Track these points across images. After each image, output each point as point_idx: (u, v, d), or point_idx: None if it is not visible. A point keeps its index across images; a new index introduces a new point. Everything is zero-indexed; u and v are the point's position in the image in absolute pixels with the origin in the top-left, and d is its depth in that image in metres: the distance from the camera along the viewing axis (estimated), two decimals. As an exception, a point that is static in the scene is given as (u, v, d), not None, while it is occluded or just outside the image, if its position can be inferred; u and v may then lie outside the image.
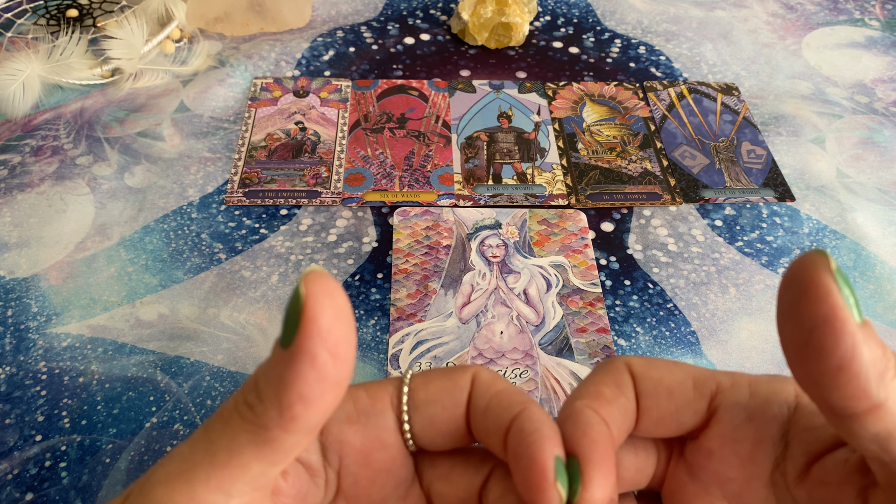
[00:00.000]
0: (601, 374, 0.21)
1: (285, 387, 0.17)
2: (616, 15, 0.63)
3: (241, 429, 0.17)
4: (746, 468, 0.20)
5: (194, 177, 0.47)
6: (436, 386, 0.21)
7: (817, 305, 0.16)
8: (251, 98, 0.52)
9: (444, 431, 0.21)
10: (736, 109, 0.53)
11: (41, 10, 0.59)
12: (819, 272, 0.16)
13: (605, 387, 0.21)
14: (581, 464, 0.19)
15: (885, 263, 0.43)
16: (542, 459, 0.18)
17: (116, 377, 0.36)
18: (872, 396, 0.16)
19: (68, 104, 0.51)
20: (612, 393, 0.21)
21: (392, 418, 0.21)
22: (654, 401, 0.21)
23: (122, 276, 0.41)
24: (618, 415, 0.20)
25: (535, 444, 0.19)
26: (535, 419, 0.19)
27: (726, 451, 0.21)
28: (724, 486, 0.21)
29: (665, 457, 0.22)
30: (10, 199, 0.45)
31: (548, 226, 0.44)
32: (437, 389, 0.21)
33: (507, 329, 0.39)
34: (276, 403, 0.17)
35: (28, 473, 0.33)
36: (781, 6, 0.65)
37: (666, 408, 0.21)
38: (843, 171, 0.49)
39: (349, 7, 0.62)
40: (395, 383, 0.21)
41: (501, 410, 0.20)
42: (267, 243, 0.43)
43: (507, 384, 0.21)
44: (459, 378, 0.21)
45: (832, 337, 0.16)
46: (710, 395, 0.21)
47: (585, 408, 0.20)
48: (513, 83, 0.55)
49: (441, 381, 0.21)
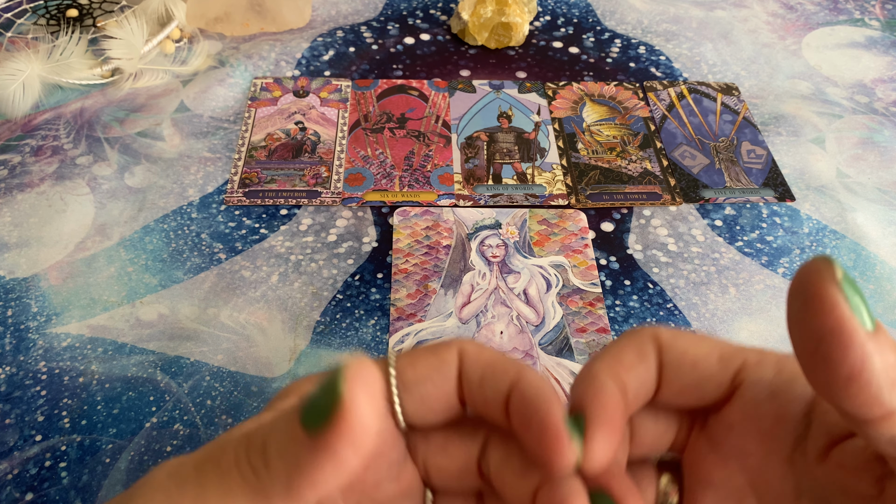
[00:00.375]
0: (625, 340, 0.21)
1: (299, 471, 0.16)
2: (616, 15, 0.63)
3: (239, 489, 0.17)
4: (766, 444, 0.21)
5: (194, 177, 0.47)
6: (423, 364, 0.21)
7: (823, 317, 0.16)
8: (251, 98, 0.52)
9: (436, 408, 0.21)
10: (736, 109, 0.53)
11: (41, 10, 0.59)
12: (824, 283, 0.16)
13: (627, 353, 0.21)
14: (586, 422, 0.19)
15: (885, 263, 0.43)
16: (554, 422, 0.19)
17: (116, 377, 0.36)
18: (885, 404, 0.16)
19: (68, 104, 0.51)
20: (632, 360, 0.21)
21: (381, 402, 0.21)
22: (677, 371, 0.21)
23: (122, 276, 0.41)
24: (635, 382, 0.21)
25: (543, 409, 0.19)
26: (534, 384, 0.20)
27: (747, 426, 0.21)
28: (744, 460, 0.21)
29: (687, 426, 0.23)
30: (10, 199, 0.45)
31: (548, 226, 0.44)
32: (425, 368, 0.21)
33: (507, 329, 0.39)
34: (284, 480, 0.16)
35: (28, 473, 0.33)
36: (781, 6, 0.65)
37: (688, 379, 0.21)
38: (843, 171, 0.49)
39: (349, 7, 0.62)
40: (380, 366, 0.21)
41: (497, 380, 0.20)
42: (267, 243, 0.43)
43: (494, 353, 0.21)
44: (446, 354, 0.21)
45: (840, 348, 0.16)
46: (734, 370, 0.21)
47: (602, 371, 0.20)
48: (513, 83, 0.55)
49: (428, 359, 0.21)
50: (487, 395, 0.20)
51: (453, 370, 0.21)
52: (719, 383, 0.21)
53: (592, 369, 0.21)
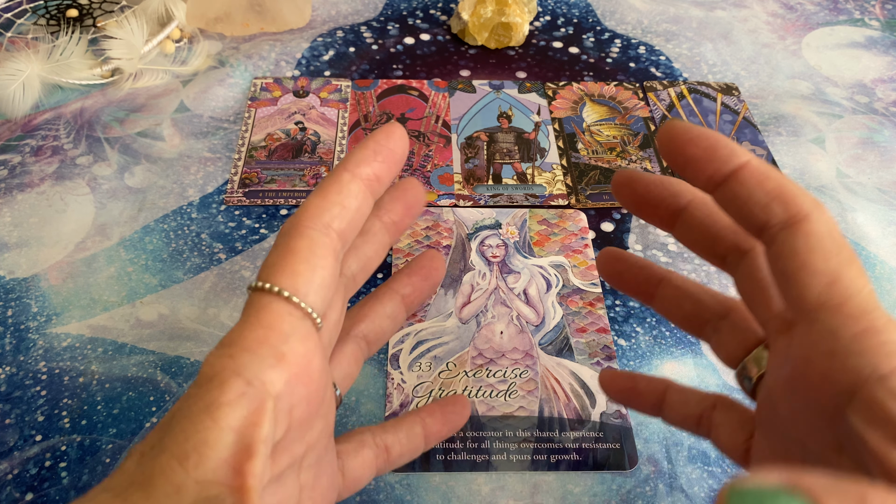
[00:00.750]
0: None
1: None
2: (616, 15, 0.63)
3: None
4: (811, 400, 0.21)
5: (194, 177, 0.47)
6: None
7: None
8: (251, 98, 0.52)
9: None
10: (736, 109, 0.53)
11: (41, 10, 0.59)
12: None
13: None
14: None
15: (885, 263, 0.43)
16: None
17: (116, 377, 0.36)
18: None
19: (68, 104, 0.51)
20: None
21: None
22: None
23: (122, 276, 0.41)
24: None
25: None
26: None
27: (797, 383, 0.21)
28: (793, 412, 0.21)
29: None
30: (10, 199, 0.45)
31: (548, 226, 0.44)
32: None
33: (507, 329, 0.39)
34: None
35: (28, 473, 0.33)
36: (781, 6, 0.65)
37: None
38: (843, 171, 0.49)
39: (349, 7, 0.62)
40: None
41: None
42: (267, 243, 0.43)
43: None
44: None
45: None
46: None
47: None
48: (513, 83, 0.55)
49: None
50: None
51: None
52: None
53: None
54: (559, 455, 0.34)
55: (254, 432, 0.18)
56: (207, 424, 0.18)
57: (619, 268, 0.29)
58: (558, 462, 0.34)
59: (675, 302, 0.27)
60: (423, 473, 0.33)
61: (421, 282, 0.29)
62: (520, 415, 0.35)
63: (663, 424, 0.35)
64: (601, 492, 0.33)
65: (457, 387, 0.36)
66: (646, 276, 0.28)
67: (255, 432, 0.18)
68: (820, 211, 0.20)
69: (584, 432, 0.35)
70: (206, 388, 0.19)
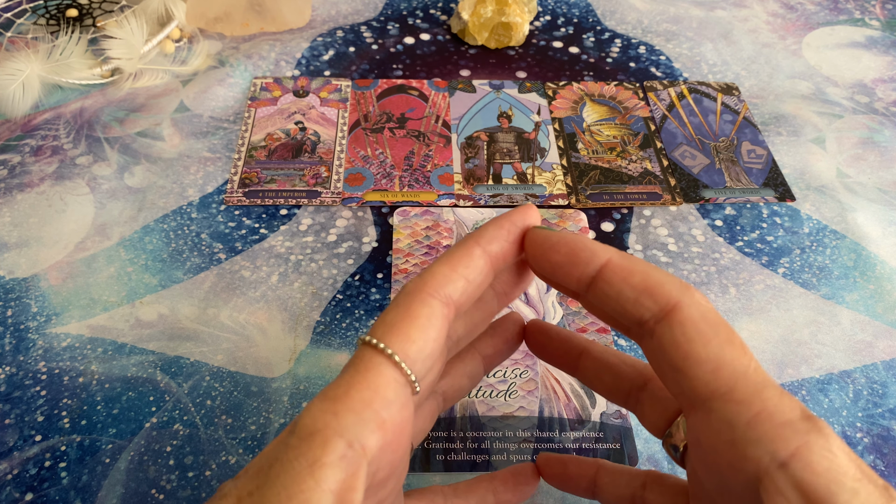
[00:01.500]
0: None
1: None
2: (616, 15, 0.63)
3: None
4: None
5: (194, 177, 0.47)
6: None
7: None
8: (251, 98, 0.52)
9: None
10: (736, 109, 0.53)
11: (41, 9, 0.59)
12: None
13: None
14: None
15: (885, 263, 0.43)
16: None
17: (116, 377, 0.36)
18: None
19: (68, 104, 0.51)
20: None
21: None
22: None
23: (122, 276, 0.41)
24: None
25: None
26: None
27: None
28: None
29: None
30: (10, 199, 0.45)
31: (548, 226, 0.44)
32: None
33: (507, 329, 0.39)
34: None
35: (28, 473, 0.33)
36: (781, 6, 0.65)
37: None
38: (844, 171, 0.49)
39: (349, 7, 0.62)
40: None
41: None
42: (267, 243, 0.43)
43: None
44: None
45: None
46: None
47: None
48: (513, 83, 0.55)
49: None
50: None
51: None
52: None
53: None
54: (559, 455, 0.34)
55: (350, 497, 0.19)
56: (310, 485, 0.18)
57: (541, 340, 0.29)
58: (558, 462, 0.34)
59: (596, 374, 0.27)
60: (424, 473, 0.33)
61: (502, 344, 0.29)
62: (520, 415, 0.35)
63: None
64: (601, 492, 0.33)
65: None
66: (566, 349, 0.28)
67: (351, 497, 0.19)
68: (689, 295, 0.20)
69: (584, 432, 0.35)
70: (308, 445, 0.19)
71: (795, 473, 0.18)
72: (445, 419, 0.35)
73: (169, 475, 0.33)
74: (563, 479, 0.29)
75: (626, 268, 0.21)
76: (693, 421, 0.21)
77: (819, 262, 0.43)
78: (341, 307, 0.40)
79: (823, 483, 0.17)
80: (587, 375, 0.28)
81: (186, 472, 0.33)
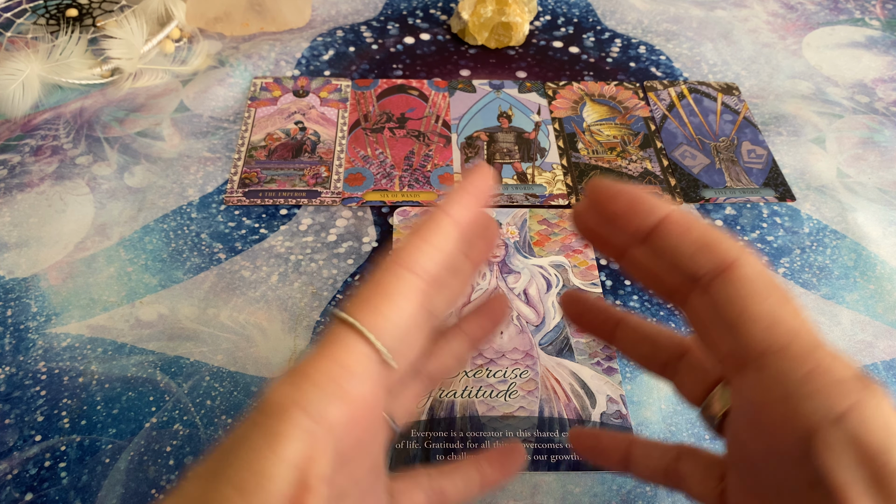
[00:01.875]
0: None
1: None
2: (616, 15, 0.63)
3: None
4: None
5: (194, 177, 0.47)
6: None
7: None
8: (251, 98, 0.52)
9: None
10: (736, 109, 0.53)
11: (41, 9, 0.59)
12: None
13: None
14: None
15: (885, 263, 0.43)
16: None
17: (116, 377, 0.36)
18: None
19: (68, 104, 0.51)
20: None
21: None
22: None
23: (122, 276, 0.41)
24: None
25: None
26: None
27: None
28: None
29: None
30: (10, 199, 0.45)
31: (548, 226, 0.44)
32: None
33: (507, 329, 0.39)
34: None
35: (28, 473, 0.33)
36: (782, 6, 0.65)
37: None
38: (844, 171, 0.49)
39: (349, 7, 0.62)
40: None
41: None
42: (267, 243, 0.43)
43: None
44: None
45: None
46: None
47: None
48: (513, 83, 0.55)
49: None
50: None
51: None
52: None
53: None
54: (559, 455, 0.34)
55: (312, 468, 0.19)
56: (268, 456, 0.18)
57: (578, 309, 0.29)
58: (558, 462, 0.34)
59: (633, 344, 0.27)
60: (423, 474, 0.33)
61: (487, 322, 0.29)
62: (520, 415, 0.35)
63: (663, 424, 0.35)
64: (601, 492, 0.33)
65: (457, 387, 0.36)
66: (603, 319, 0.28)
67: (313, 468, 0.19)
68: (746, 255, 0.20)
69: (584, 432, 0.35)
70: (268, 418, 0.19)
71: (850, 428, 0.18)
72: (445, 419, 0.35)
73: (169, 475, 0.33)
74: (595, 452, 0.29)
75: (686, 223, 0.21)
76: (741, 381, 0.21)
77: (819, 262, 0.43)
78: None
79: (878, 439, 0.17)
80: (624, 344, 0.28)
81: (186, 472, 0.33)
